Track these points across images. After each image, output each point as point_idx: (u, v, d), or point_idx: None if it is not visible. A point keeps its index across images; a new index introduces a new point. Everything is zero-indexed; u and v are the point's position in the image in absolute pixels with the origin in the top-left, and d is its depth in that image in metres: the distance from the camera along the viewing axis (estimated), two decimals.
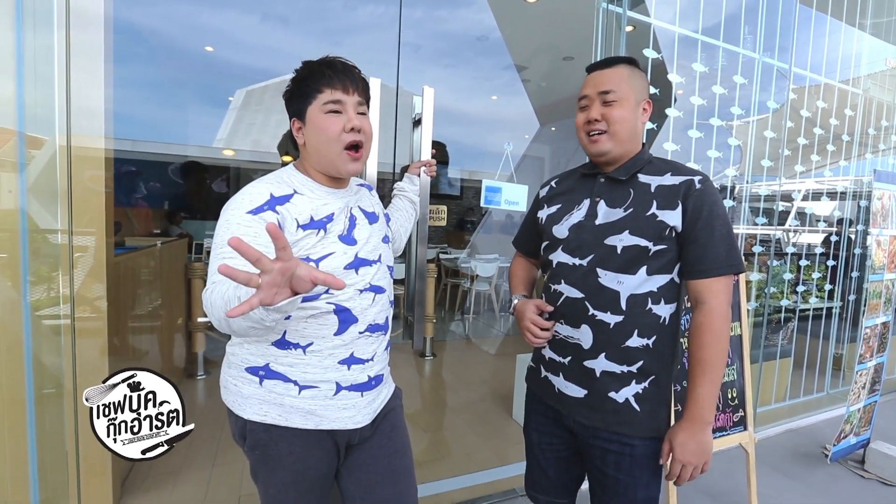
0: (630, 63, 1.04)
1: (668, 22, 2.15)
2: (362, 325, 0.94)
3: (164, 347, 2.75)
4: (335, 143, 0.90)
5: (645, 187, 0.99)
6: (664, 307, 0.98)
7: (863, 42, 3.14)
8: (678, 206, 0.95)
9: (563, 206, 1.10)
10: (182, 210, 5.39)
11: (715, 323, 0.93)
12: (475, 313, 5.45)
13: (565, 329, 1.04)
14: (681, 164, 1.03)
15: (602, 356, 0.99)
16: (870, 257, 2.37)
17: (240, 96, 6.78)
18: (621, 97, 1.00)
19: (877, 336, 2.40)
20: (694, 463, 0.95)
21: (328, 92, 0.89)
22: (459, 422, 2.74)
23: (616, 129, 1.00)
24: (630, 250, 0.96)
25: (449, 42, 5.93)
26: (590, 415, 1.01)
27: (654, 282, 0.97)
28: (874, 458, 2.32)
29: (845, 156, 3.09)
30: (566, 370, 1.04)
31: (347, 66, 0.93)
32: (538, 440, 1.16)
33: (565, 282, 1.04)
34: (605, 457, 1.02)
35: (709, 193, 0.95)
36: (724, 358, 0.95)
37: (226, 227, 0.83)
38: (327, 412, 0.92)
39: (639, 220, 0.97)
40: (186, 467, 2.05)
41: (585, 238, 1.02)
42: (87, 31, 1.31)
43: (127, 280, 2.12)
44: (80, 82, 1.30)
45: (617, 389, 0.99)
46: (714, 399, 0.95)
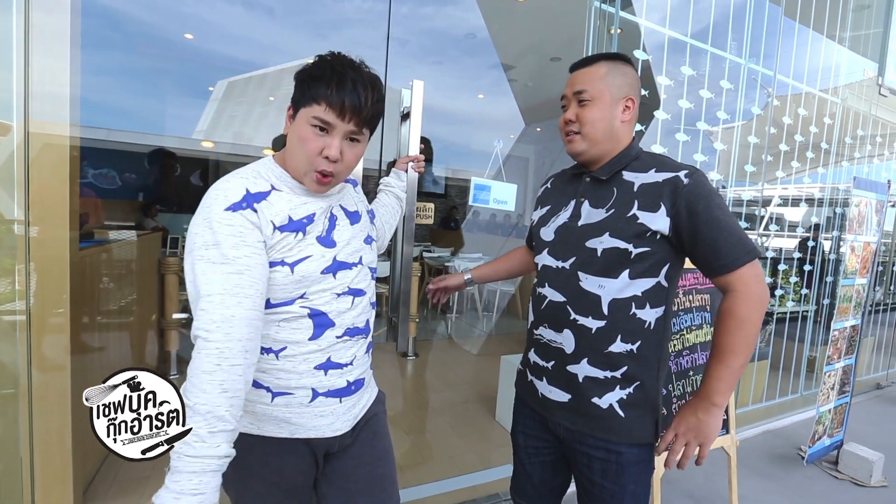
0: (611, 59, 1.00)
1: (657, 24, 2.15)
2: (339, 330, 0.88)
3: (135, 345, 2.63)
4: (306, 161, 0.81)
5: (628, 186, 0.96)
6: (649, 311, 0.95)
7: (841, 54, 3.22)
8: (660, 207, 0.90)
9: (552, 207, 1.09)
10: (157, 202, 5.21)
11: (740, 309, 0.89)
12: (458, 313, 5.42)
13: (549, 333, 1.02)
14: (670, 159, 0.99)
15: (584, 361, 0.97)
16: (843, 262, 2.42)
17: (221, 87, 6.59)
18: (594, 96, 0.98)
19: (845, 339, 2.46)
20: (688, 437, 0.93)
21: (323, 108, 0.79)
22: (442, 424, 2.70)
23: (587, 129, 0.99)
24: (609, 253, 0.93)
25: (436, 39, 5.88)
26: (574, 419, 1.00)
27: (637, 286, 0.93)
28: (847, 460, 2.38)
29: (823, 163, 3.16)
30: (549, 374, 1.03)
31: (359, 86, 0.80)
32: (524, 444, 1.14)
33: (549, 285, 1.03)
34: (591, 464, 0.99)
35: (700, 186, 0.90)
36: (747, 346, 0.90)
37: (206, 226, 0.75)
38: (303, 420, 0.86)
39: (619, 221, 0.93)
40: (156, 473, 1.96)
41: (568, 240, 1.00)
42: (51, 14, 1.23)
43: (94, 275, 2.01)
44: (43, 67, 1.22)
45: (600, 395, 0.96)
46: (729, 385, 0.91)
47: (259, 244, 0.77)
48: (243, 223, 0.76)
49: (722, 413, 0.94)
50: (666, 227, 0.90)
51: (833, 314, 2.41)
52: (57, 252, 1.29)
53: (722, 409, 0.93)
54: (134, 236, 2.86)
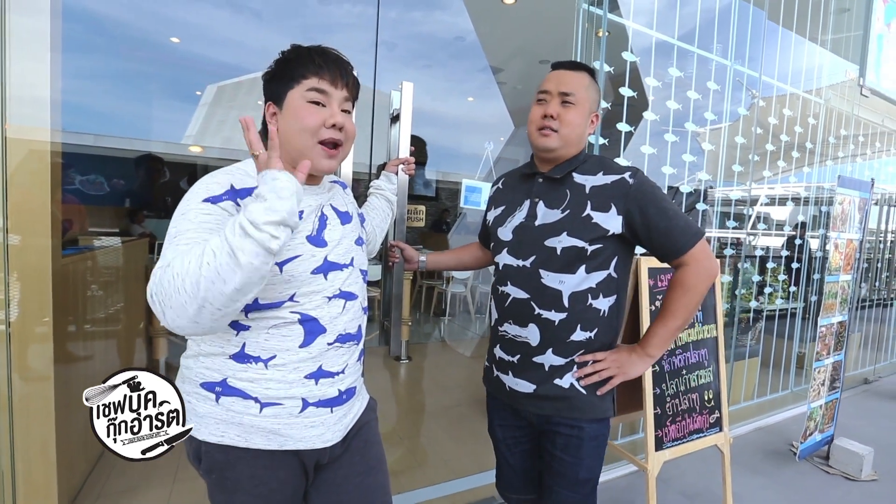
0: (591, 74, 1.08)
1: (644, 27, 2.17)
2: (331, 336, 0.86)
3: (122, 353, 2.58)
4: (310, 136, 0.81)
5: (580, 188, 1.03)
6: (603, 301, 1.04)
7: (824, 56, 3.28)
8: (611, 207, 0.99)
9: (507, 207, 1.14)
10: (145, 208, 5.13)
11: (689, 279, 1.00)
12: (451, 315, 5.41)
13: (514, 329, 1.08)
14: (612, 161, 1.08)
15: (549, 351, 1.04)
16: (828, 259, 2.45)
17: (210, 92, 6.53)
18: (579, 101, 1.04)
19: (833, 335, 2.49)
20: (611, 367, 1.04)
21: (314, 80, 0.81)
22: (436, 428, 2.68)
23: (566, 131, 1.04)
24: (568, 251, 1.00)
25: (425, 43, 5.89)
26: (542, 405, 1.07)
27: (592, 279, 1.02)
28: (838, 455, 2.40)
29: (808, 162, 3.21)
30: (515, 368, 1.09)
31: (341, 58, 0.86)
32: (503, 436, 1.20)
33: (511, 283, 1.08)
34: (555, 439, 1.08)
35: (644, 184, 1.00)
36: (688, 310, 1.02)
37: (181, 215, 0.75)
38: (292, 431, 0.83)
39: (575, 221, 1.01)
40: (144, 484, 1.91)
41: (526, 239, 1.06)
42: (30, 16, 1.20)
43: (77, 283, 1.97)
44: (23, 70, 1.19)
45: (561, 376, 1.05)
46: (665, 341, 1.06)
47: None
48: (220, 213, 0.75)
49: (650, 364, 1.07)
50: (618, 226, 1.00)
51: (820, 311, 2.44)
52: (38, 260, 1.25)
53: (653, 360, 1.07)
54: (119, 243, 2.81)
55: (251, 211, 0.63)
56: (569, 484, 1.08)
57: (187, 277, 0.63)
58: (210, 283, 0.63)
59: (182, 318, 0.65)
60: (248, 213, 0.63)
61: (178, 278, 0.64)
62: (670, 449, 1.72)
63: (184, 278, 0.64)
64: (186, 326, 0.66)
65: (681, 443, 1.75)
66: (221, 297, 0.64)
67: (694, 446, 1.79)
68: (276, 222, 0.64)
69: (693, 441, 1.79)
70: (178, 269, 0.64)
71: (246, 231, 0.62)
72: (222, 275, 0.63)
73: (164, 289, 0.65)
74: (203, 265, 0.63)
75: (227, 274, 0.63)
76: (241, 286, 0.64)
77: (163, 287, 0.65)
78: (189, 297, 0.64)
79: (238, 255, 0.62)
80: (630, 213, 0.99)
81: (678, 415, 1.75)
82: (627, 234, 1.01)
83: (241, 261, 0.62)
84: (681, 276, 1.01)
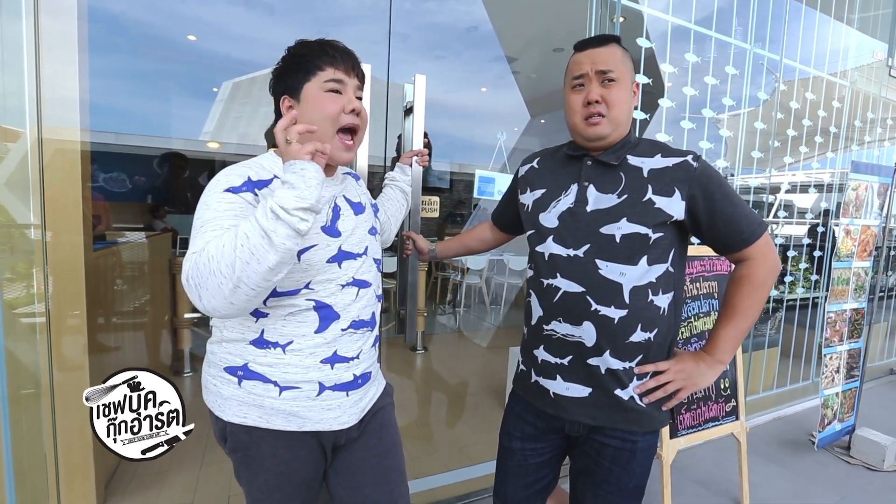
0: (619, 43, 0.99)
1: (660, 12, 2.13)
2: (345, 322, 0.90)
3: (149, 344, 2.69)
4: (331, 124, 0.86)
5: (637, 171, 0.94)
6: (663, 297, 0.94)
7: (850, 36, 3.16)
8: (675, 192, 0.90)
9: (549, 190, 1.02)
10: (166, 204, 5.26)
11: (758, 273, 0.93)
12: (466, 306, 5.44)
13: (564, 327, 0.96)
14: (666, 144, 1.00)
15: (607, 353, 0.94)
16: (836, 245, 2.40)
17: (226, 88, 6.62)
18: (619, 77, 0.95)
19: (845, 321, 2.44)
20: (678, 379, 0.96)
21: (330, 70, 0.86)
22: (452, 416, 2.73)
23: (615, 112, 0.95)
24: (630, 239, 0.91)
25: (439, 33, 5.85)
26: (595, 414, 0.96)
27: (654, 272, 0.92)
28: (859, 445, 2.37)
29: (832, 147, 3.12)
30: (565, 371, 0.98)
31: (348, 49, 0.91)
32: (521, 447, 1.08)
33: (561, 275, 0.96)
34: (602, 450, 0.99)
35: (709, 168, 0.94)
36: (758, 309, 0.95)
37: (204, 207, 0.79)
38: (310, 413, 0.88)
39: (636, 206, 0.91)
40: (174, 468, 2.01)
41: (579, 226, 0.95)
42: (59, 19, 1.25)
43: (108, 276, 2.05)
44: (53, 72, 1.24)
45: (623, 387, 0.95)
46: (735, 344, 0.96)
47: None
48: (241, 203, 0.79)
49: (721, 371, 0.98)
50: (681, 212, 0.91)
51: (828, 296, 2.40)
52: (72, 255, 1.32)
53: (724, 366, 0.97)
54: (143, 238, 2.91)
55: (282, 197, 0.69)
56: (615, 492, 1.00)
57: (223, 259, 0.68)
58: (245, 263, 0.68)
59: (217, 299, 0.70)
60: (279, 199, 0.68)
61: (214, 261, 0.69)
62: (685, 437, 1.73)
63: (219, 261, 0.68)
64: (220, 307, 0.71)
65: (696, 431, 1.76)
66: (256, 277, 0.69)
67: (709, 434, 1.79)
68: (306, 208, 0.69)
69: (709, 429, 1.79)
70: (214, 253, 0.69)
71: (278, 215, 0.68)
72: (256, 255, 0.67)
73: (199, 272, 0.70)
74: (237, 247, 0.68)
75: (261, 254, 0.68)
76: (274, 265, 0.69)
77: (198, 270, 0.70)
78: (225, 278, 0.68)
79: (271, 236, 0.67)
80: (694, 197, 0.90)
81: (693, 402, 1.75)
82: (688, 221, 0.93)
83: (275, 241, 0.68)
84: (749, 272, 0.93)
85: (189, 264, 0.71)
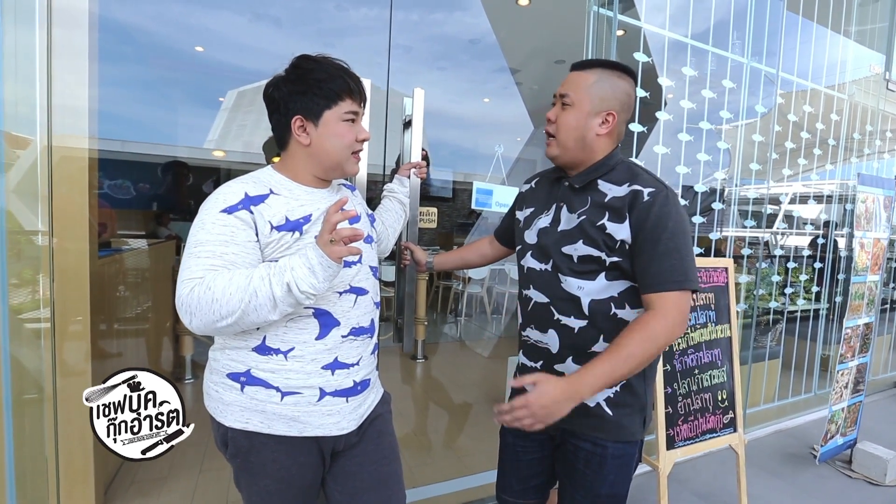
0: (608, 68, 0.98)
1: (658, 27, 2.17)
2: (345, 329, 0.92)
3: (151, 351, 2.70)
4: (346, 151, 0.94)
5: (601, 196, 0.97)
6: (630, 312, 0.96)
7: (848, 48, 3.19)
8: (625, 218, 0.92)
9: (535, 209, 1.10)
10: (170, 211, 5.31)
11: (653, 326, 0.86)
12: (467, 315, 5.44)
13: (535, 334, 1.06)
14: (647, 174, 0.97)
15: (570, 360, 1.00)
16: (854, 259, 2.40)
17: (231, 97, 6.72)
18: (573, 102, 0.97)
19: (858, 336, 2.43)
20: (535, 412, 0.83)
21: (349, 102, 0.92)
22: (451, 425, 2.72)
23: (561, 135, 0.99)
24: (585, 260, 0.96)
25: (443, 45, 5.93)
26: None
27: (614, 287, 0.95)
28: (861, 459, 2.35)
29: (831, 160, 3.13)
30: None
31: (358, 78, 0.97)
32: (514, 441, 1.16)
33: (533, 287, 1.05)
34: (577, 452, 1.04)
35: (658, 205, 0.90)
36: (639, 361, 0.86)
37: (200, 225, 0.83)
38: (311, 419, 0.90)
39: (590, 230, 0.95)
40: (173, 474, 2.01)
41: (548, 243, 1.02)
42: (70, 29, 1.29)
43: (112, 283, 2.08)
44: (64, 81, 1.28)
45: None
46: (602, 385, 0.86)
47: (249, 244, 0.84)
48: (235, 224, 0.83)
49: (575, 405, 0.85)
50: (628, 237, 0.92)
51: (846, 312, 2.38)
52: (77, 262, 1.34)
53: (580, 401, 0.86)
54: (146, 245, 2.94)
55: (300, 277, 0.77)
56: (589, 496, 1.04)
57: (226, 305, 0.77)
58: (244, 314, 0.77)
59: (205, 327, 0.79)
60: (297, 277, 0.77)
61: (217, 302, 0.77)
62: (682, 448, 1.72)
63: (222, 304, 0.76)
64: (204, 331, 0.81)
65: (693, 442, 1.76)
66: (247, 324, 0.80)
67: (707, 446, 1.79)
68: (314, 294, 0.79)
69: (706, 441, 1.79)
70: (218, 295, 0.76)
71: (290, 290, 0.77)
72: (258, 311, 0.78)
73: (196, 302, 0.77)
74: (243, 300, 0.77)
75: (263, 312, 0.78)
76: (270, 320, 0.81)
77: (196, 301, 0.77)
78: (220, 317, 0.77)
79: (278, 303, 0.78)
80: (636, 225, 0.91)
81: (690, 414, 1.75)
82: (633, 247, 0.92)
83: (279, 308, 0.78)
84: (647, 319, 0.88)
85: (185, 291, 0.78)
